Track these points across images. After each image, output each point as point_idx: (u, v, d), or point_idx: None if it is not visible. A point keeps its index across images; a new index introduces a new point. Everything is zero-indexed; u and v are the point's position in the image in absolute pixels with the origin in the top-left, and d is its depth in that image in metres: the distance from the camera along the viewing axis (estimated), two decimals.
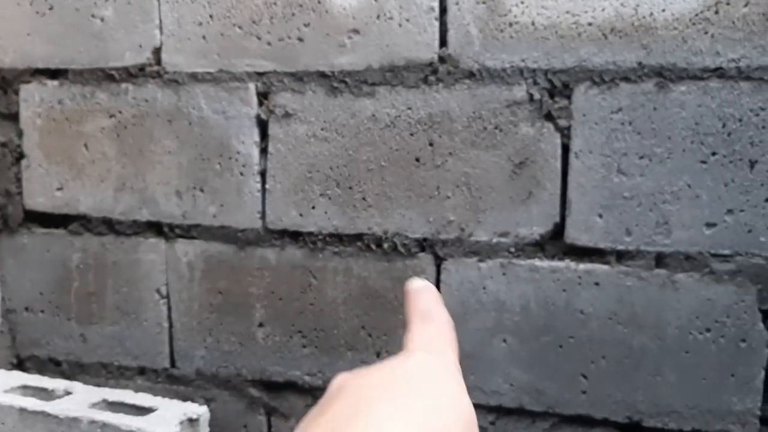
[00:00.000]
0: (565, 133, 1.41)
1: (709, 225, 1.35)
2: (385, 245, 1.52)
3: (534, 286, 1.45)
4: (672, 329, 1.38)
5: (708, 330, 1.36)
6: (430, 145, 1.47)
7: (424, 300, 0.44)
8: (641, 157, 1.37)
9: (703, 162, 1.34)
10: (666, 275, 1.38)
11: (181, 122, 1.62)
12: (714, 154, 1.33)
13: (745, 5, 1.29)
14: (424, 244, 1.51)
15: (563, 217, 1.43)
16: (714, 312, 1.36)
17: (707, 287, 1.36)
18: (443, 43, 1.45)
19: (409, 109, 1.47)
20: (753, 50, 1.30)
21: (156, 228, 1.68)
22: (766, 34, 1.29)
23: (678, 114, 1.34)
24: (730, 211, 1.34)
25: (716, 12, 1.30)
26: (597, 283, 1.42)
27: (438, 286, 1.50)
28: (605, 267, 1.41)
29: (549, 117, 1.41)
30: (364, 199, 1.52)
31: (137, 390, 1.60)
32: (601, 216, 1.40)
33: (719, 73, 1.32)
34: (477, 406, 1.55)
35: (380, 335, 1.55)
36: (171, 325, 1.69)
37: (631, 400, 1.41)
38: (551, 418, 1.47)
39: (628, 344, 1.40)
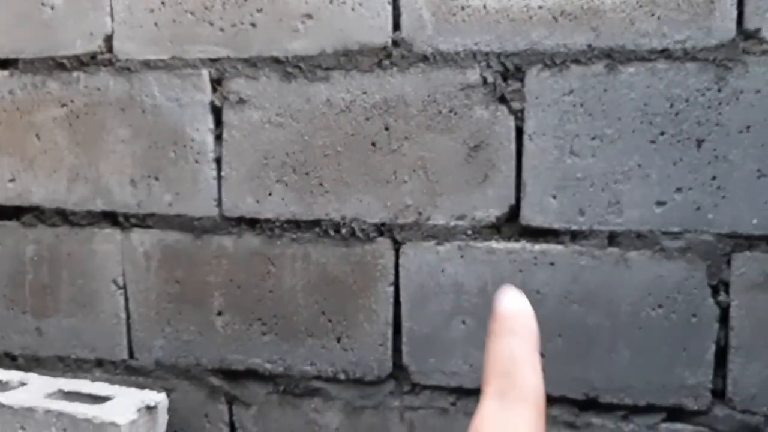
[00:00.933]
0: (519, 116, 1.42)
1: (659, 203, 1.38)
2: (343, 231, 1.53)
3: (491, 267, 1.46)
4: (625, 306, 1.41)
5: (660, 306, 1.39)
6: (386, 129, 1.48)
7: (509, 346, 0.32)
8: (593, 139, 1.39)
9: (652, 142, 1.37)
10: (618, 254, 1.40)
11: (134, 110, 1.61)
12: (662, 133, 1.36)
13: None
14: (382, 229, 1.51)
15: (518, 199, 1.44)
16: (665, 288, 1.39)
17: (658, 264, 1.39)
18: (396, 27, 1.45)
19: (364, 93, 1.48)
20: (698, 31, 1.33)
21: (111, 218, 1.66)
22: (710, 16, 1.32)
23: (627, 95, 1.37)
24: (678, 190, 1.37)
25: None
26: (552, 263, 1.44)
27: (397, 271, 1.51)
28: (560, 247, 1.43)
29: (503, 100, 1.42)
30: (320, 184, 1.52)
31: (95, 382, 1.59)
32: (555, 197, 1.42)
33: (666, 54, 1.35)
34: (437, 389, 1.56)
35: (340, 320, 1.55)
36: (128, 316, 1.67)
37: (588, 377, 1.44)
38: None
39: (583, 322, 1.43)
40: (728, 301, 1.36)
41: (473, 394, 1.50)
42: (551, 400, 1.46)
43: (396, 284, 1.51)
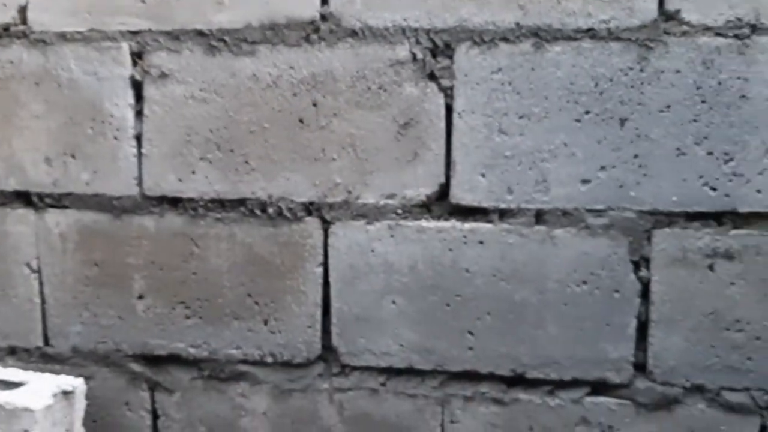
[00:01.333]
0: (449, 93, 1.42)
1: (584, 181, 1.40)
2: (270, 210, 1.49)
3: (421, 246, 1.46)
4: (552, 283, 1.42)
5: (585, 282, 1.42)
6: (314, 105, 1.45)
7: None
8: (521, 117, 1.40)
9: (578, 120, 1.39)
10: (545, 231, 1.42)
11: (49, 84, 1.53)
12: (587, 112, 1.38)
13: None
14: (310, 208, 1.49)
15: (448, 177, 1.44)
16: (590, 265, 1.41)
17: (583, 241, 1.41)
18: (325, 0, 1.43)
19: (291, 68, 1.45)
20: (621, 12, 1.35)
21: (24, 198, 1.58)
22: None
23: (554, 74, 1.38)
24: (602, 168, 1.39)
25: None
26: (481, 242, 1.44)
27: (326, 250, 1.48)
28: (489, 225, 1.44)
29: (432, 77, 1.42)
30: (246, 162, 1.49)
31: None
32: (483, 175, 1.43)
33: (591, 33, 1.37)
34: (367, 369, 1.54)
35: (267, 302, 1.52)
36: (43, 301, 1.59)
37: (515, 354, 1.45)
38: (440, 376, 1.49)
39: (511, 299, 1.44)
40: (649, 276, 1.40)
41: (403, 373, 1.50)
42: (480, 377, 1.47)
43: (325, 264, 1.49)
